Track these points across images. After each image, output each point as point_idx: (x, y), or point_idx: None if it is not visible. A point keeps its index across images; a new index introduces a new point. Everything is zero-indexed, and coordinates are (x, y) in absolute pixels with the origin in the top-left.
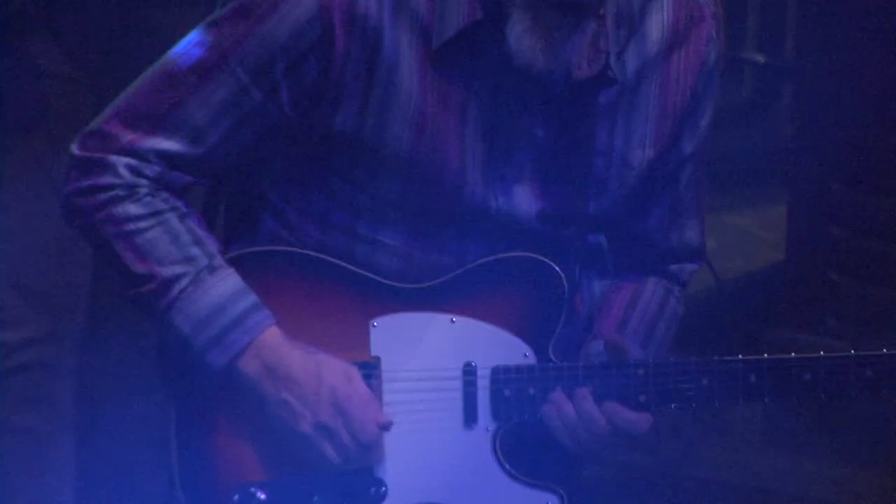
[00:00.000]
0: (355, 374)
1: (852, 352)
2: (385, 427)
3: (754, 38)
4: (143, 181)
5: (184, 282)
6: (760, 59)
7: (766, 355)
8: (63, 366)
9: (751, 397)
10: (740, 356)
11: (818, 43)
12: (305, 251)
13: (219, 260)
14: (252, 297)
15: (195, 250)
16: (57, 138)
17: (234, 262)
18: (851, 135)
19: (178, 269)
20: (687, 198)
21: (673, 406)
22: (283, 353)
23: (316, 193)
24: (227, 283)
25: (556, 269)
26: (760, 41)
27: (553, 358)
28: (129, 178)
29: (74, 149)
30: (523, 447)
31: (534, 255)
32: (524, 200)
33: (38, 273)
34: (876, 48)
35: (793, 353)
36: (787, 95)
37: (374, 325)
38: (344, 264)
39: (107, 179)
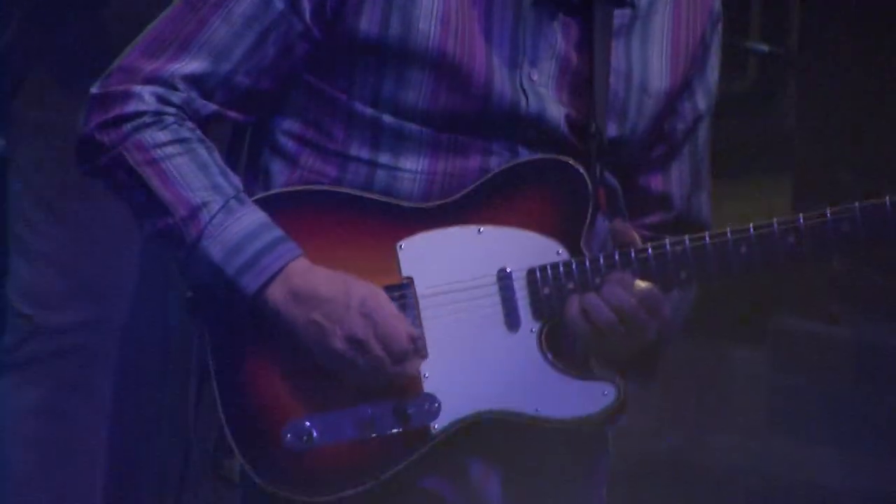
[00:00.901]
0: (380, 290)
1: (887, 199)
2: (415, 339)
3: (758, 27)
4: (170, 108)
5: (213, 208)
6: (764, 47)
7: (801, 215)
8: (104, 352)
9: (792, 258)
10: (775, 219)
11: (822, 32)
12: (321, 187)
13: (244, 195)
14: (279, 231)
15: (222, 180)
16: None
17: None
18: (856, 123)
19: (206, 196)
20: (703, 164)
21: (715, 275)
22: (309, 278)
23: (336, 126)
24: (256, 215)
25: (576, 165)
26: (764, 30)
27: (586, 252)
28: (156, 106)
29: (94, 89)
30: (571, 343)
31: (551, 156)
32: (553, 104)
33: (86, 258)
34: (879, 36)
35: (827, 209)
36: (791, 84)
37: (400, 248)
38: (361, 193)
39: (132, 107)
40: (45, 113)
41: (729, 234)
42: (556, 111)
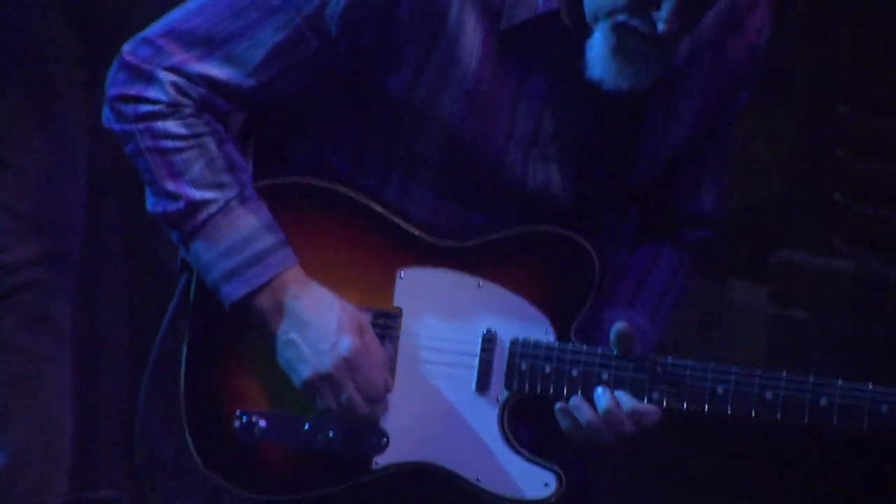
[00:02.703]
0: (368, 328)
1: (870, 385)
2: (390, 389)
3: None
4: (188, 101)
5: (212, 208)
6: None
7: (784, 373)
8: (61, 286)
9: (762, 414)
10: (759, 372)
11: None
12: (338, 187)
13: (250, 190)
14: (277, 235)
15: (228, 177)
16: (49, 71)
17: (265, 192)
18: (858, 56)
19: (208, 195)
20: (710, 166)
21: (684, 407)
22: (299, 296)
23: (354, 135)
24: (256, 215)
25: (591, 250)
26: None
27: (574, 339)
28: (175, 97)
29: (125, 52)
30: (529, 423)
31: (572, 234)
32: (562, 181)
33: (35, 196)
34: None
35: (811, 378)
36: (793, 17)
37: (400, 276)
38: (376, 207)
39: (152, 93)
40: None
41: (710, 372)
42: (565, 188)
